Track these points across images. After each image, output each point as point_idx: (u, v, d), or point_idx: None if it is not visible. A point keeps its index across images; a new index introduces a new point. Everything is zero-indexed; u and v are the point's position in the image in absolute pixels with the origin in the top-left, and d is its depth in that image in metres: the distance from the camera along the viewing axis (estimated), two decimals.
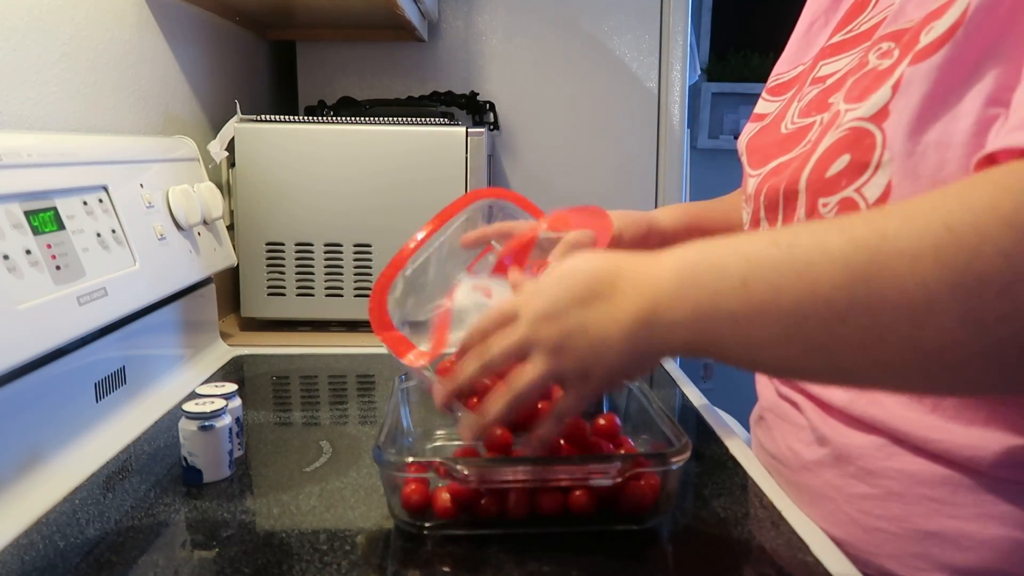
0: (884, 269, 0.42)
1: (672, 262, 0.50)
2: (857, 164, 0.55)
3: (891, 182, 0.53)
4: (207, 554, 0.57)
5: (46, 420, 0.70)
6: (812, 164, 0.58)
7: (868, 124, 0.54)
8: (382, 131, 1.20)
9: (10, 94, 0.81)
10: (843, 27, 0.68)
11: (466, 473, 0.57)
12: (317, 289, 1.22)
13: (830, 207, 0.56)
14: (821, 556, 0.56)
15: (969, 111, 0.50)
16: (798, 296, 0.44)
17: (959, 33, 0.51)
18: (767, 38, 3.17)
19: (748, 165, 0.71)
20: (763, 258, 0.46)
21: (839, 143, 0.56)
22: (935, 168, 0.51)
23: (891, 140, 0.53)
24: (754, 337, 0.46)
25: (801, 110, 0.66)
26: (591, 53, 1.72)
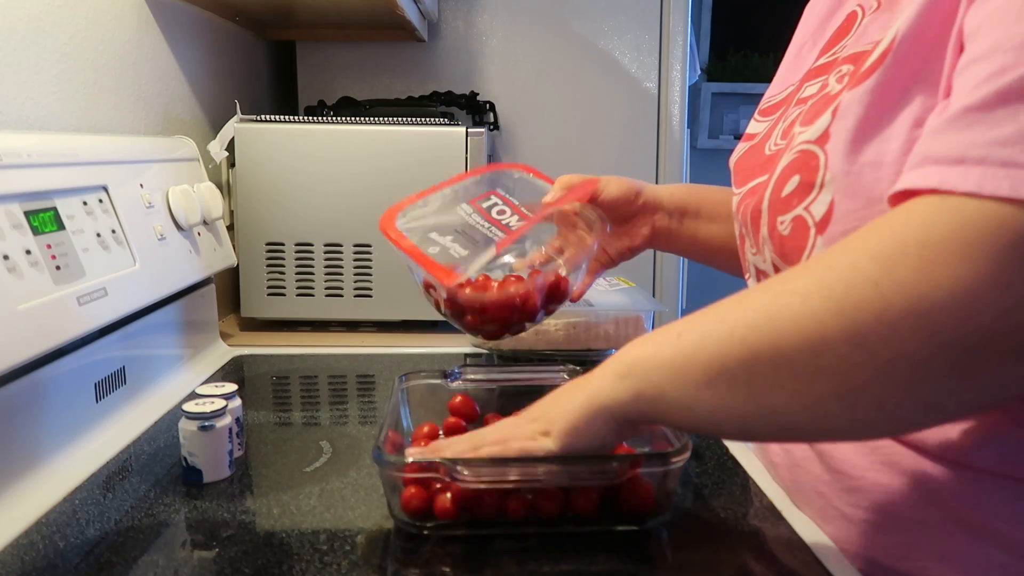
0: (783, 308, 0.47)
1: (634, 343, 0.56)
2: (805, 184, 0.57)
3: (833, 200, 0.55)
4: (207, 554, 0.57)
5: (46, 420, 0.70)
6: (772, 185, 0.61)
7: (813, 146, 0.57)
8: (382, 131, 1.20)
9: (10, 94, 0.81)
10: (828, 50, 0.70)
11: (466, 474, 0.57)
12: (317, 289, 1.22)
13: (786, 224, 0.59)
14: (821, 556, 0.56)
15: (899, 133, 0.52)
16: (719, 339, 0.49)
17: (888, 59, 0.53)
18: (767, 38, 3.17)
19: (734, 184, 0.74)
20: (698, 315, 0.52)
21: (791, 164, 0.59)
22: (870, 186, 0.53)
23: (831, 161, 0.55)
24: (687, 383, 0.51)
25: (783, 131, 0.68)
26: (591, 53, 1.72)
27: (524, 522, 0.58)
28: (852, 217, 0.54)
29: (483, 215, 0.80)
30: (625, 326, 1.03)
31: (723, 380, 0.49)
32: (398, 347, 1.13)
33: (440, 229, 0.78)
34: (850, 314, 0.44)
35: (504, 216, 0.81)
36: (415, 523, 0.58)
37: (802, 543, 0.58)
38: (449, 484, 0.57)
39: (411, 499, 0.58)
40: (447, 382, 0.77)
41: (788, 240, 0.59)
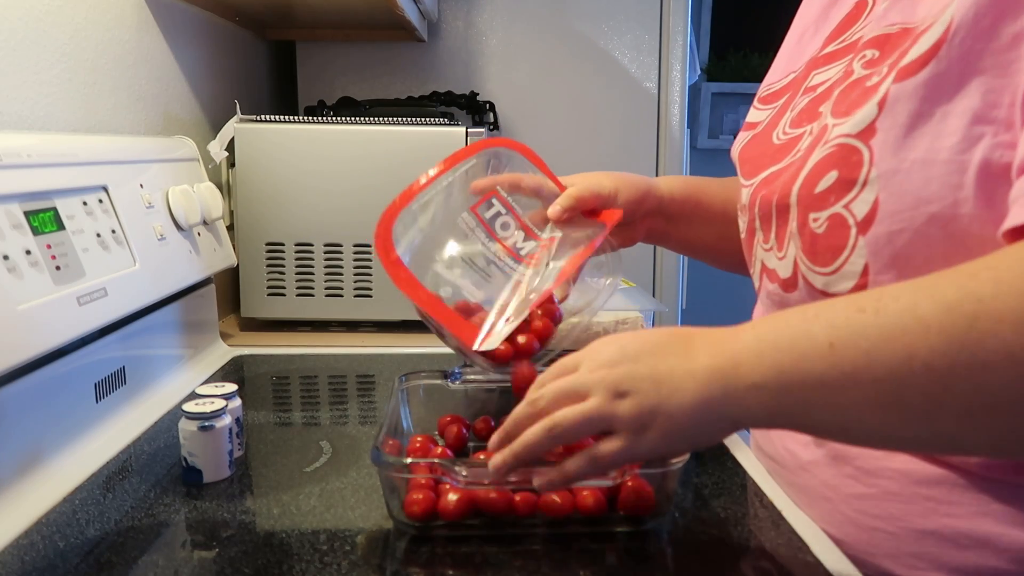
0: (985, 336, 0.42)
1: (751, 328, 0.50)
2: (845, 181, 0.55)
3: (878, 199, 0.53)
4: (207, 554, 0.57)
5: (46, 420, 0.70)
6: (802, 179, 0.58)
7: (855, 141, 0.54)
8: (382, 131, 1.20)
9: (10, 94, 0.81)
10: (836, 37, 0.68)
11: (464, 475, 0.57)
12: (317, 289, 1.22)
13: (820, 222, 0.57)
14: (821, 556, 0.56)
15: (954, 129, 0.50)
16: (892, 362, 0.44)
17: (943, 50, 0.50)
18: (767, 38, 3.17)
19: (741, 175, 0.71)
20: (849, 322, 0.46)
21: (827, 159, 0.56)
22: (920, 186, 0.51)
23: (878, 158, 0.53)
24: (845, 404, 0.46)
25: (793, 120, 0.67)
26: (591, 53, 1.72)
27: (528, 522, 0.58)
28: (898, 218, 0.51)
29: (487, 231, 0.76)
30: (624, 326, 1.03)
31: (895, 407, 0.45)
32: (398, 347, 1.13)
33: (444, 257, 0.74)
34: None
35: (509, 233, 0.76)
36: (415, 525, 0.58)
37: (802, 543, 0.58)
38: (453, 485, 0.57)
39: (413, 504, 0.58)
40: (447, 382, 0.77)
41: (822, 239, 0.57)
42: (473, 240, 0.75)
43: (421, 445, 0.68)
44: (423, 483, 0.59)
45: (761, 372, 0.47)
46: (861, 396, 0.45)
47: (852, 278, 0.55)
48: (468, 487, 0.57)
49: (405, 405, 0.74)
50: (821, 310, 0.48)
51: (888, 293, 0.46)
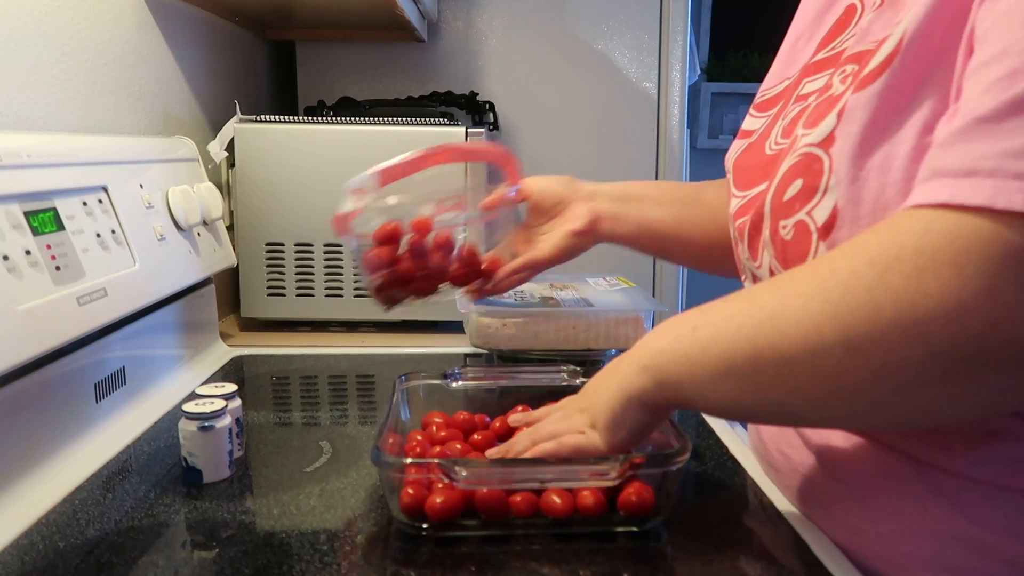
0: (786, 309, 0.49)
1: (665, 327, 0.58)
2: (808, 188, 0.56)
3: (837, 205, 0.54)
4: (207, 554, 0.57)
5: (46, 420, 0.70)
6: (773, 187, 0.60)
7: (817, 150, 0.56)
8: (382, 131, 1.20)
9: (10, 94, 0.81)
10: (826, 44, 0.68)
11: (464, 475, 0.57)
12: (317, 289, 1.22)
13: (788, 229, 0.58)
14: (821, 556, 0.56)
15: (907, 138, 0.51)
16: (729, 336, 0.51)
17: (896, 62, 0.52)
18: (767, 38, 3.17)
19: (733, 185, 0.72)
20: (712, 308, 0.54)
21: (794, 168, 0.58)
22: (876, 193, 0.52)
23: (836, 165, 0.54)
24: (701, 376, 0.53)
25: (784, 129, 0.67)
26: (591, 53, 1.72)
27: (529, 523, 0.58)
28: (856, 224, 0.53)
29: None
30: (624, 326, 1.03)
31: (732, 375, 0.51)
32: (398, 347, 1.13)
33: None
34: (844, 319, 0.46)
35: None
36: (415, 524, 0.58)
37: (802, 543, 0.58)
38: (451, 485, 0.57)
39: (409, 499, 0.58)
40: (447, 382, 0.77)
41: (790, 245, 0.58)
42: None
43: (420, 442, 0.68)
44: (419, 480, 0.59)
45: (648, 355, 0.57)
46: (711, 367, 0.52)
47: None
48: (468, 487, 0.57)
49: (405, 405, 0.74)
50: (707, 308, 0.55)
51: (753, 286, 0.55)
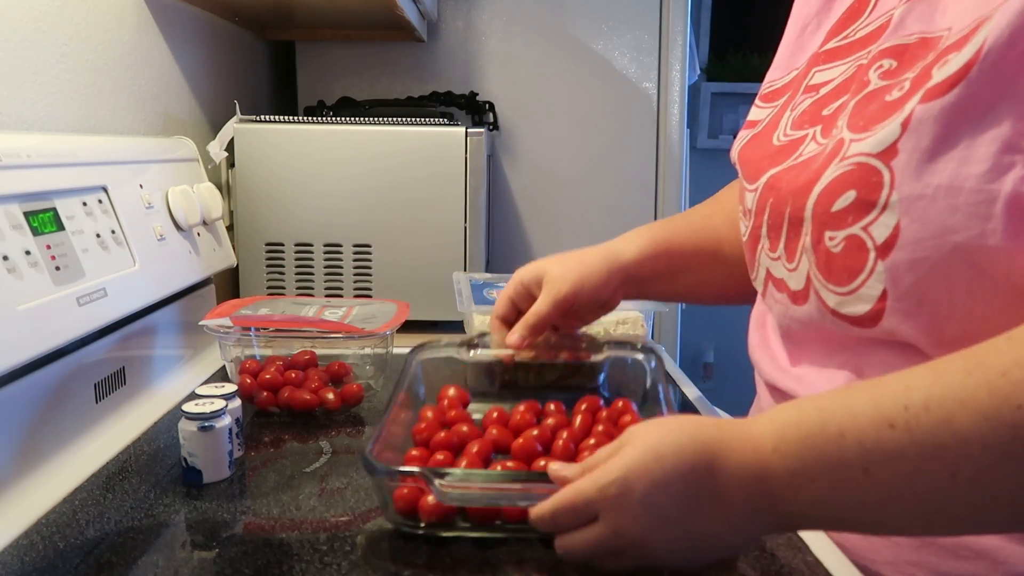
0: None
1: (772, 451, 0.48)
2: (863, 202, 0.52)
3: (899, 224, 0.50)
4: (207, 554, 0.57)
5: (46, 420, 0.70)
6: (817, 194, 0.56)
7: (875, 161, 0.52)
8: (382, 131, 1.20)
9: (10, 94, 0.81)
10: (838, 32, 0.66)
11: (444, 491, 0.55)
12: (317, 289, 1.22)
13: (837, 241, 0.54)
14: (821, 556, 0.56)
15: (983, 157, 0.48)
16: (935, 482, 0.44)
17: (973, 72, 0.48)
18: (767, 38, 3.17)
19: (743, 177, 0.69)
20: (881, 443, 0.45)
21: (845, 177, 0.54)
22: (945, 214, 0.49)
23: (899, 181, 0.50)
24: (884, 519, 0.47)
25: (794, 121, 0.64)
26: (591, 53, 1.72)
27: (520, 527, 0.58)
28: (921, 246, 0.50)
29: None
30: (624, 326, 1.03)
31: (939, 519, 0.45)
32: (397, 347, 1.12)
33: None
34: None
35: None
36: (409, 523, 0.58)
37: (802, 543, 0.58)
38: None
39: (401, 501, 0.58)
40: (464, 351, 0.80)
41: (838, 258, 0.54)
42: None
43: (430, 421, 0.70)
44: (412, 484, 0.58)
45: (799, 505, 0.48)
46: (903, 513, 0.46)
47: (869, 302, 0.53)
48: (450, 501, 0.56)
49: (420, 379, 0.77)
50: (845, 424, 0.46)
51: (915, 400, 0.45)
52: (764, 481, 0.48)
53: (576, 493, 0.51)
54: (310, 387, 0.83)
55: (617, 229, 1.78)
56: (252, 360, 0.87)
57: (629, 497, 0.49)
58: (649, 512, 0.49)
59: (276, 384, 0.83)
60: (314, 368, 0.87)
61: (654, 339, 1.42)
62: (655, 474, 0.49)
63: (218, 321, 0.87)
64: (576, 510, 0.51)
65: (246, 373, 0.85)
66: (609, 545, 0.51)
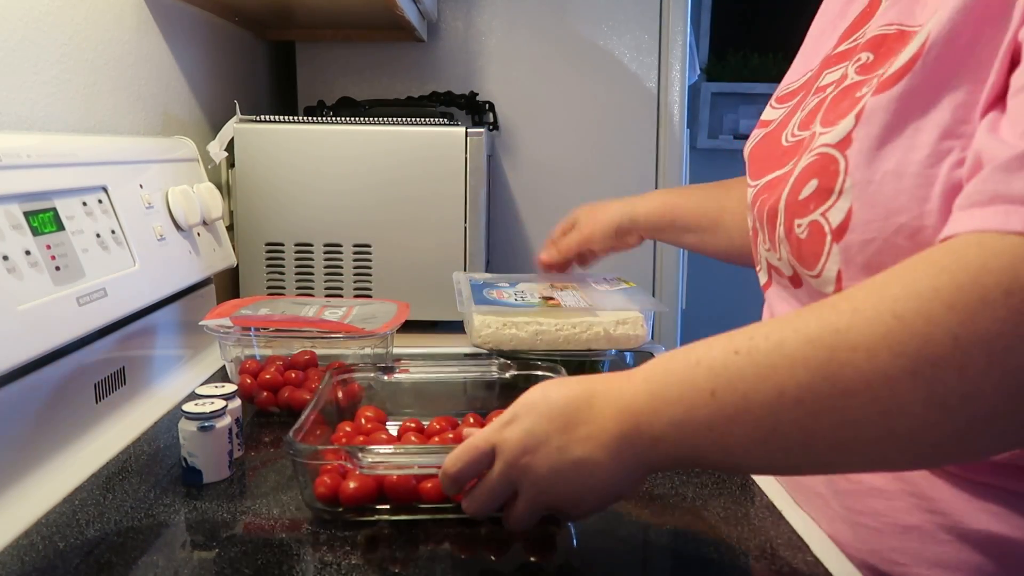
0: (844, 366, 0.43)
1: (642, 381, 0.51)
2: (823, 189, 0.56)
3: (852, 208, 0.54)
4: (207, 554, 0.57)
5: (46, 420, 0.70)
6: (789, 185, 0.60)
7: (833, 151, 0.55)
8: (382, 131, 1.20)
9: (10, 94, 0.81)
10: (849, 36, 0.67)
11: (368, 460, 0.59)
12: (317, 290, 1.22)
13: (803, 228, 0.58)
14: (821, 556, 0.57)
15: (924, 143, 0.51)
16: (766, 400, 0.46)
17: (918, 65, 0.51)
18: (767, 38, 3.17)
19: (748, 175, 0.72)
20: (727, 366, 0.48)
21: (810, 167, 0.57)
22: (890, 197, 0.52)
23: (852, 168, 0.54)
24: (731, 443, 0.48)
25: (801, 121, 0.67)
26: (591, 53, 1.72)
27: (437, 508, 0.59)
28: (870, 228, 0.53)
29: None
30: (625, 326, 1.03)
31: (775, 441, 0.46)
32: (397, 347, 1.12)
33: None
34: (926, 373, 0.41)
35: None
36: (328, 509, 0.60)
37: (802, 543, 0.58)
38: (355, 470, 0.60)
39: (320, 486, 0.60)
40: (380, 376, 0.79)
41: (805, 244, 0.58)
42: None
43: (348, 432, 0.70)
44: (332, 468, 0.61)
45: (660, 427, 0.49)
46: (744, 435, 0.47)
47: (830, 284, 0.56)
48: (372, 472, 0.59)
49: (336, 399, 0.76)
50: (702, 354, 0.49)
51: (760, 331, 0.48)
52: (630, 405, 0.51)
53: (474, 436, 0.55)
54: (310, 387, 0.83)
55: None
56: (252, 360, 0.87)
57: (517, 426, 0.53)
58: (533, 438, 0.52)
59: (276, 384, 0.83)
60: (314, 368, 0.87)
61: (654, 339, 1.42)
62: (539, 407, 0.53)
63: (218, 321, 0.87)
64: (477, 451, 0.54)
65: (246, 373, 0.85)
66: (505, 482, 0.53)
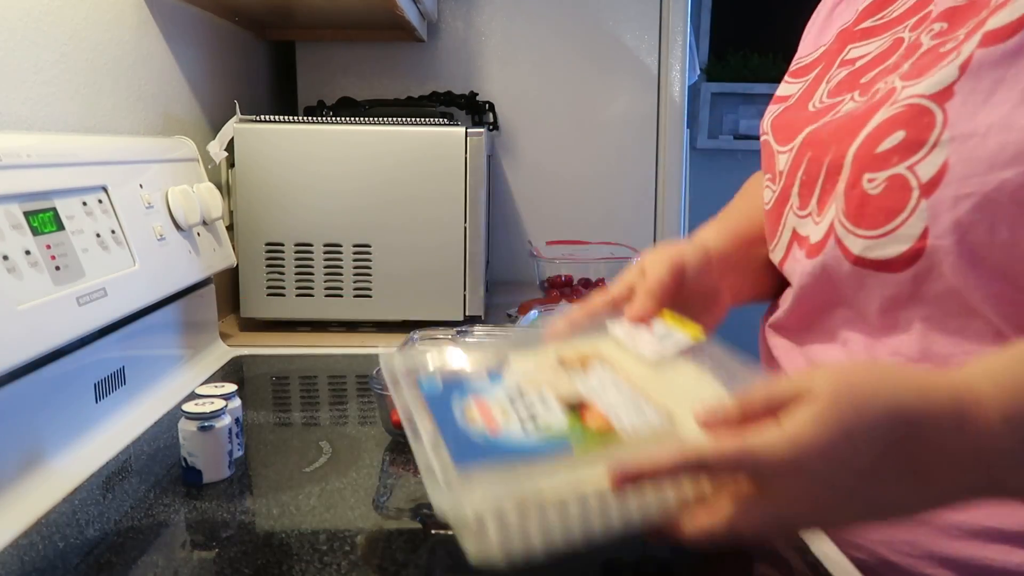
0: None
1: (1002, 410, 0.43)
2: (912, 141, 0.53)
3: (947, 162, 0.51)
4: (207, 554, 0.57)
5: (46, 420, 0.70)
6: (862, 138, 0.57)
7: (928, 102, 0.53)
8: (382, 131, 1.20)
9: (10, 94, 0.81)
10: (874, 13, 0.67)
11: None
12: (316, 289, 1.22)
13: (877, 182, 0.55)
14: (821, 556, 0.56)
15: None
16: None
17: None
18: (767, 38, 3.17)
19: (776, 142, 0.69)
20: None
21: (894, 119, 0.55)
22: (995, 151, 0.50)
23: (953, 120, 0.52)
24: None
25: (830, 90, 0.66)
26: (591, 53, 1.72)
27: None
28: (968, 183, 0.51)
29: None
30: None
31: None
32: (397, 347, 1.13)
33: None
34: None
35: None
36: (401, 433, 0.70)
37: (802, 543, 0.58)
38: None
39: (395, 414, 0.69)
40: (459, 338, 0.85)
41: (875, 200, 0.55)
42: None
43: None
44: None
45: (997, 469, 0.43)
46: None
47: (906, 241, 0.54)
48: None
49: None
50: None
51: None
52: (983, 456, 0.43)
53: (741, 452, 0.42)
54: None
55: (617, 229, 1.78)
56: None
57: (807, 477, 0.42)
58: (828, 490, 0.42)
59: None
60: None
61: None
62: (844, 454, 0.41)
63: None
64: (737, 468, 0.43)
65: None
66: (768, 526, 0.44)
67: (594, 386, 0.55)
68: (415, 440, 0.49)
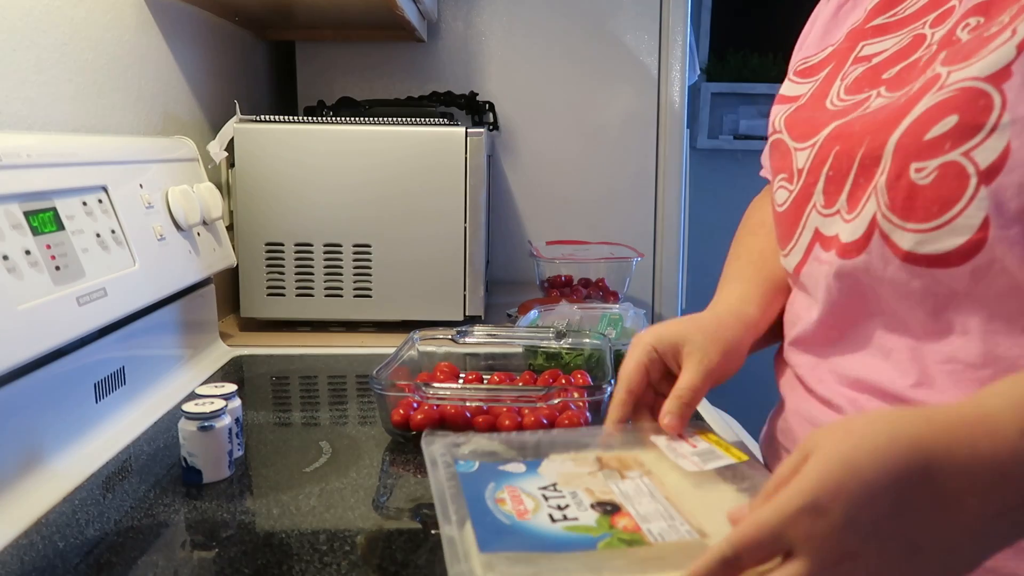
0: None
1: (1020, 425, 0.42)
2: (967, 126, 0.50)
3: (1010, 146, 0.48)
4: (207, 554, 0.57)
5: (46, 420, 0.70)
6: (905, 126, 0.53)
7: (984, 84, 0.50)
8: (382, 131, 1.20)
9: (10, 94, 0.81)
10: (885, 11, 0.66)
11: (430, 393, 0.75)
12: (316, 289, 1.22)
13: (927, 171, 0.51)
14: None
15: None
16: None
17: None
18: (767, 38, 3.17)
19: (792, 139, 0.66)
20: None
21: (945, 103, 0.51)
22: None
23: (1012, 102, 0.48)
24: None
25: (847, 87, 0.63)
26: (591, 53, 1.72)
27: None
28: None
29: None
30: None
31: None
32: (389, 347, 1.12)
33: None
34: None
35: None
36: (401, 433, 0.76)
37: None
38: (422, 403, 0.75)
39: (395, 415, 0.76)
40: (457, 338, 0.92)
41: (927, 190, 0.52)
42: None
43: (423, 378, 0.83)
44: (405, 401, 0.76)
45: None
46: None
47: (965, 233, 0.50)
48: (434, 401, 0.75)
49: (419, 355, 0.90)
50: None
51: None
52: (1004, 470, 0.41)
53: (757, 526, 0.42)
54: None
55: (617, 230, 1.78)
56: None
57: (826, 521, 0.40)
58: (856, 534, 0.40)
59: None
60: None
61: None
62: (853, 490, 0.41)
63: None
64: (762, 546, 0.42)
65: None
66: None
67: (629, 492, 0.54)
68: (444, 519, 0.51)
